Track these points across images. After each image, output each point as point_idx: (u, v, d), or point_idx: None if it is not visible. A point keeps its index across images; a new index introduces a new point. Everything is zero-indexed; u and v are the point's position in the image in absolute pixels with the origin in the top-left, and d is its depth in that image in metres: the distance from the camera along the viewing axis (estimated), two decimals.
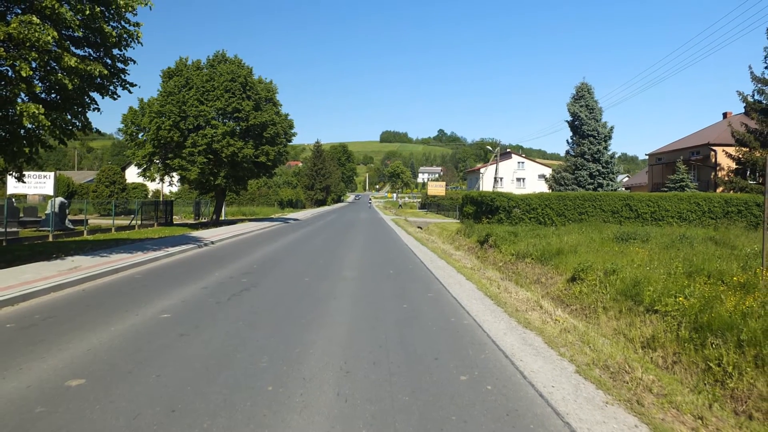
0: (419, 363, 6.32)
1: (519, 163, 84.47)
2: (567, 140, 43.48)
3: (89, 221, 30.22)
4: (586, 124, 40.66)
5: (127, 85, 15.12)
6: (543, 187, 55.19)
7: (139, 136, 32.09)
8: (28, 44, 11.23)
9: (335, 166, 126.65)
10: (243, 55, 37.64)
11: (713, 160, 39.99)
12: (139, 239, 22.02)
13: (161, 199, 45.66)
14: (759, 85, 32.10)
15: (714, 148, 39.87)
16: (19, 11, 12.01)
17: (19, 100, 11.90)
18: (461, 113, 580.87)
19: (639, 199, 28.32)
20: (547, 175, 48.70)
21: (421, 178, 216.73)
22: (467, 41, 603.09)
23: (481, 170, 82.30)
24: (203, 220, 40.37)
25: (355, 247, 21.54)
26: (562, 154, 45.84)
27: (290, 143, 39.75)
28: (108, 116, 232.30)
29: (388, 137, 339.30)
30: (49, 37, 11.17)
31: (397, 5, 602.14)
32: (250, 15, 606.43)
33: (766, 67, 31.69)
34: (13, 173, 15.25)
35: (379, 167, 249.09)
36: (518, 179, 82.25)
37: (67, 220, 27.51)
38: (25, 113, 11.37)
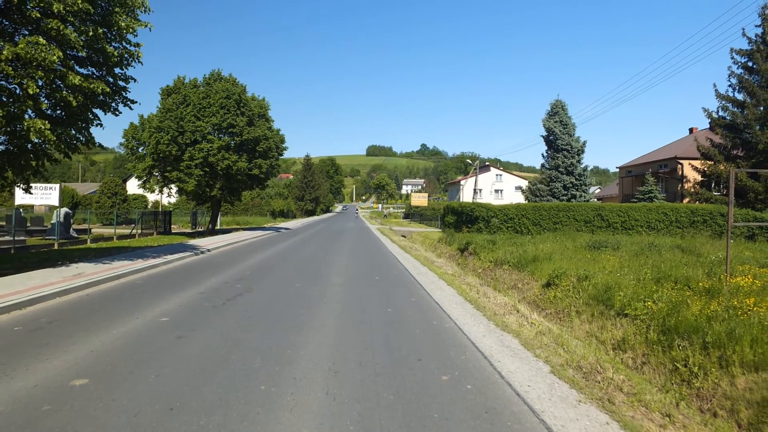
0: (403, 364, 6.34)
1: (497, 175, 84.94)
2: (542, 154, 43.82)
3: (92, 230, 29.99)
4: (560, 139, 41.00)
5: (128, 102, 15.11)
6: (520, 198, 55.54)
7: (140, 150, 32.03)
8: (34, 63, 11.21)
9: (324, 179, 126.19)
10: (237, 74, 37.64)
11: (680, 172, 40.54)
12: (139, 247, 21.85)
13: (160, 209, 45.34)
14: (723, 102, 32.34)
15: (681, 161, 40.43)
16: (27, 32, 12.01)
17: (26, 116, 11.86)
18: (443, 128, 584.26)
19: (610, 209, 28.44)
20: (524, 187, 48.93)
21: (405, 189, 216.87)
22: (449, 60, 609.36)
23: (462, 182, 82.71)
24: (200, 230, 40.05)
25: (343, 254, 21.52)
26: (538, 167, 46.20)
27: (282, 157, 39.62)
28: (110, 131, 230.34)
29: (373, 151, 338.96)
30: (55, 57, 11.16)
31: (382, 27, 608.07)
32: (243, 36, 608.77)
33: (729, 86, 31.88)
34: (21, 185, 15.10)
35: (366, 179, 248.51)
36: (496, 191, 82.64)
37: (71, 230, 27.26)
38: (31, 129, 11.33)
